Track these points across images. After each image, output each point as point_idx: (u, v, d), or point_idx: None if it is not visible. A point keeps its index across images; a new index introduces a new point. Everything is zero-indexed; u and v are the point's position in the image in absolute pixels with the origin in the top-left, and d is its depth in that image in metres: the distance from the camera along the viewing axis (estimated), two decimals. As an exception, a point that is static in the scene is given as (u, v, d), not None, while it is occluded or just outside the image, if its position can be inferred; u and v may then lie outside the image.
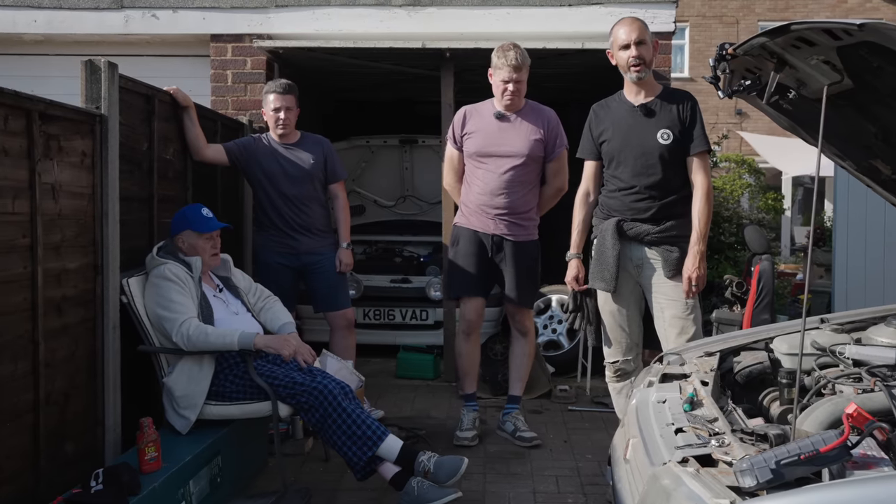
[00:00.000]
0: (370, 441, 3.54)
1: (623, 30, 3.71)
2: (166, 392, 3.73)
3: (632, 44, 3.65)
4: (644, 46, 3.66)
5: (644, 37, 3.67)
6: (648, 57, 3.68)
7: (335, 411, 3.56)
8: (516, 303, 4.60)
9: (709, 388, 2.84)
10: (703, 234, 3.63)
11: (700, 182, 3.66)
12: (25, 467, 3.06)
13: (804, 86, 2.43)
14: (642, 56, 3.66)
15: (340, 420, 3.55)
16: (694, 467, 2.12)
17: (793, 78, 2.40)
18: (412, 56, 5.77)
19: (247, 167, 4.77)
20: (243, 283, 4.22)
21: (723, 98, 2.63)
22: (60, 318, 3.29)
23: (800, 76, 2.38)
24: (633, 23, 3.72)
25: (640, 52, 3.65)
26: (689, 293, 3.63)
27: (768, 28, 2.35)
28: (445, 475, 3.51)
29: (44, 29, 5.93)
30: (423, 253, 7.01)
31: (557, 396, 5.51)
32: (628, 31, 3.69)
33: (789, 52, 2.25)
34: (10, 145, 2.96)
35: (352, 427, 3.54)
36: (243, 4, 5.78)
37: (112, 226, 3.63)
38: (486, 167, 4.48)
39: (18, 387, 3.01)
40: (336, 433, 3.55)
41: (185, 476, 3.38)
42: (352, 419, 3.55)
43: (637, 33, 3.66)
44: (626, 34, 3.68)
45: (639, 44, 3.65)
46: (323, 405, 3.57)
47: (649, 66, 3.70)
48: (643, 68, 3.67)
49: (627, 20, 3.75)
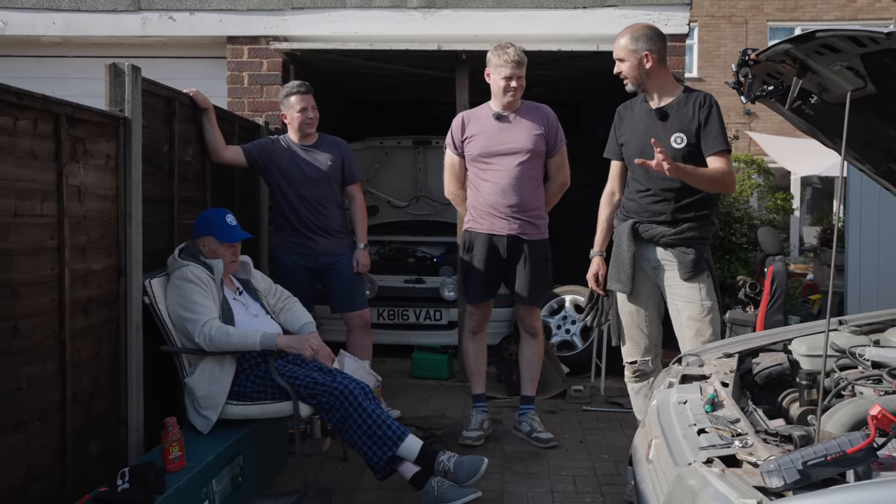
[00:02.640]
0: (390, 441, 3.57)
1: (615, 44, 3.76)
2: (188, 392, 3.77)
3: (616, 60, 3.73)
4: (623, 63, 3.68)
5: (621, 55, 3.69)
6: (630, 71, 3.68)
7: (356, 411, 3.60)
8: (528, 302, 4.64)
9: (729, 390, 2.86)
10: (694, 170, 3.56)
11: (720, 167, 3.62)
12: (53, 465, 3.10)
13: (826, 91, 2.45)
14: (621, 72, 3.70)
15: (361, 420, 3.58)
16: (719, 468, 2.15)
17: (815, 83, 2.42)
18: (427, 58, 5.80)
19: (265, 169, 4.80)
20: (263, 285, 4.26)
21: (745, 103, 2.65)
22: (86, 319, 3.33)
23: (822, 81, 2.40)
24: (618, 39, 3.73)
25: (619, 69, 3.71)
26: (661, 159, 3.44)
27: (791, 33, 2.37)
28: (465, 475, 3.55)
29: (62, 31, 5.98)
30: (437, 253, 7.04)
31: (572, 396, 5.53)
32: (616, 46, 3.74)
33: (812, 58, 2.27)
34: (38, 148, 3.00)
35: (372, 427, 3.57)
36: (259, 7, 5.83)
37: (135, 227, 3.67)
38: (493, 167, 4.51)
39: (47, 386, 3.06)
40: (356, 433, 3.59)
41: (208, 475, 3.42)
42: (372, 419, 3.59)
43: (615, 52, 3.72)
44: (615, 50, 3.74)
45: (620, 61, 3.70)
46: (343, 405, 3.61)
47: (632, 80, 3.70)
48: (628, 82, 3.72)
49: (620, 34, 3.76)
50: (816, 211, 19.69)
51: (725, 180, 3.62)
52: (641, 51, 3.64)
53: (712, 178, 3.58)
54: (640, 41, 3.64)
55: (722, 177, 3.59)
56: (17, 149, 2.87)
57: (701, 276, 3.67)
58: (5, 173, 2.80)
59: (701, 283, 3.66)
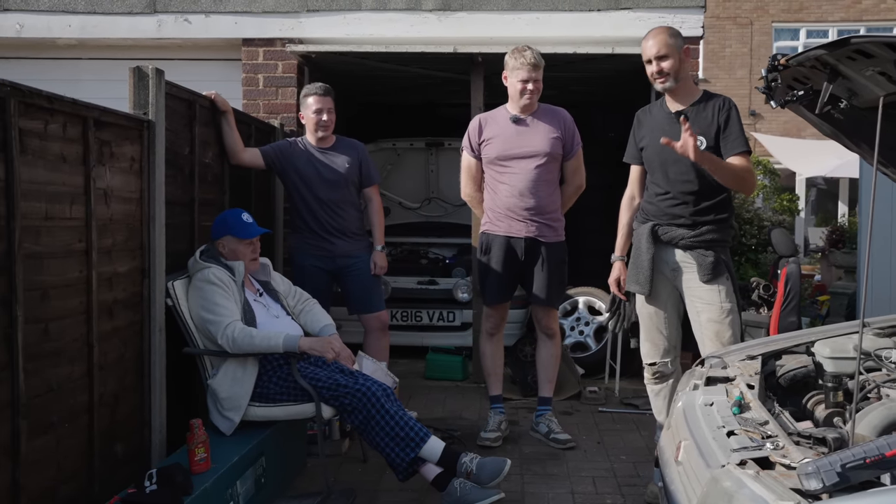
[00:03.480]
0: (413, 442, 3.59)
1: (647, 43, 3.74)
2: (211, 394, 3.79)
3: (652, 59, 3.70)
4: (665, 60, 3.68)
5: (665, 51, 3.67)
6: (671, 68, 3.68)
7: (378, 413, 3.61)
8: (545, 303, 4.66)
9: (755, 392, 2.88)
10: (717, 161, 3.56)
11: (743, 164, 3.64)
12: (81, 467, 3.12)
13: (856, 96, 2.47)
14: (662, 70, 3.69)
15: (384, 422, 3.60)
16: (753, 469, 2.16)
17: (844, 88, 2.44)
18: (442, 60, 5.82)
19: (283, 171, 4.82)
20: (282, 287, 4.28)
21: (775, 108, 2.67)
22: (111, 321, 3.35)
23: (852, 86, 2.42)
24: (657, 36, 3.72)
25: (660, 67, 3.69)
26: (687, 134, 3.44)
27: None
28: (488, 476, 3.56)
29: (77, 34, 5.99)
30: (449, 255, 7.05)
31: (587, 398, 5.55)
32: (650, 45, 3.72)
33: (844, 64, 2.29)
34: (68, 152, 3.02)
35: (395, 428, 3.59)
36: (275, 9, 5.84)
37: (158, 230, 3.69)
38: (510, 170, 4.53)
39: (75, 388, 3.08)
40: (379, 434, 3.61)
41: (233, 476, 3.44)
42: (395, 420, 3.60)
43: (657, 48, 3.69)
44: (648, 49, 3.72)
45: (659, 58, 3.69)
46: (366, 407, 3.62)
47: (674, 76, 3.70)
48: (666, 80, 3.71)
49: (652, 33, 3.76)
50: (821, 212, 19.69)
51: (747, 178, 3.64)
52: (680, 46, 3.67)
53: (734, 172, 3.59)
54: (678, 37, 3.68)
55: (743, 173, 3.60)
56: (47, 152, 2.89)
57: (720, 278, 3.68)
58: (36, 177, 2.81)
59: (720, 286, 3.68)
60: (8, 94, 2.65)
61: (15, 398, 2.69)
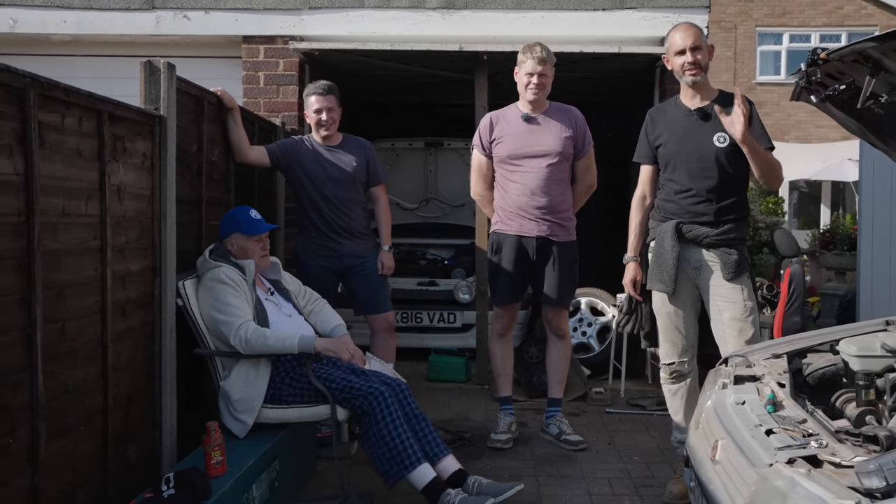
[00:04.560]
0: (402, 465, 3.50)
1: (679, 35, 3.75)
2: (223, 395, 3.70)
3: (687, 49, 3.70)
4: (699, 51, 3.70)
5: (699, 42, 3.72)
6: (703, 62, 3.71)
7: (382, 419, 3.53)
8: (557, 303, 4.62)
9: (787, 390, 2.85)
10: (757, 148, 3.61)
11: None
12: (96, 471, 3.04)
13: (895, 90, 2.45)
14: (697, 61, 3.69)
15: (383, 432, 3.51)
16: (804, 468, 2.13)
17: (885, 83, 2.41)
18: (445, 59, 5.77)
19: (289, 169, 4.75)
20: (293, 286, 4.21)
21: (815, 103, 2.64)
22: (124, 321, 3.27)
23: (893, 80, 2.40)
24: (689, 28, 3.76)
25: (695, 58, 3.69)
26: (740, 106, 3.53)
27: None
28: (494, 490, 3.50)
29: (73, 29, 5.88)
30: (447, 256, 7.00)
31: (593, 399, 5.52)
32: (683, 36, 3.73)
33: (889, 57, 2.27)
34: (83, 147, 2.95)
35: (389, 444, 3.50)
36: (276, 6, 5.77)
37: (169, 228, 3.61)
38: (521, 169, 4.49)
39: (90, 390, 3.00)
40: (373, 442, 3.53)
41: (249, 480, 3.36)
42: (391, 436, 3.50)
43: (692, 39, 3.71)
44: (681, 40, 3.73)
45: (694, 49, 3.70)
46: (376, 411, 3.54)
47: (705, 70, 3.72)
48: (698, 72, 3.70)
49: (683, 27, 3.79)
50: (803, 215, 19.83)
51: (777, 169, 3.67)
52: (707, 43, 3.68)
53: (769, 160, 3.64)
54: (704, 35, 3.67)
55: (776, 164, 3.65)
56: (64, 146, 2.81)
57: (742, 276, 3.67)
58: (54, 171, 2.73)
59: (743, 284, 3.66)
60: (28, 85, 2.57)
61: (34, 400, 2.60)
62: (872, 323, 3.34)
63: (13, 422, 2.50)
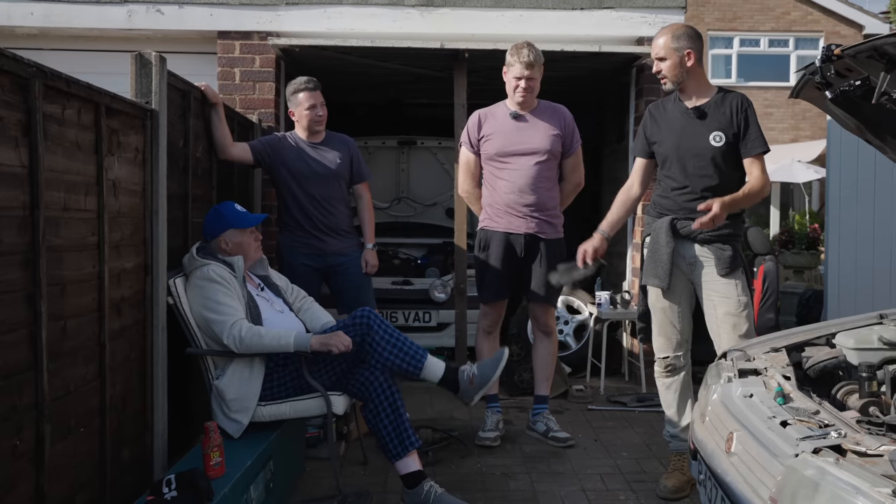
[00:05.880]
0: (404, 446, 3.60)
1: (654, 42, 3.83)
2: (216, 395, 3.62)
3: (655, 60, 3.79)
4: (664, 62, 3.74)
5: (662, 53, 3.74)
6: (667, 70, 3.74)
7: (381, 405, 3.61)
8: (544, 300, 4.63)
9: (792, 383, 2.89)
10: (735, 199, 3.64)
11: (757, 175, 3.69)
12: (94, 473, 2.96)
13: (906, 87, 2.50)
14: (661, 71, 3.77)
15: (387, 337, 3.68)
16: (832, 457, 2.16)
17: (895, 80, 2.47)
18: (424, 56, 5.73)
19: (272, 166, 4.67)
20: (281, 282, 4.14)
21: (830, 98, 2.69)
22: (119, 320, 3.19)
23: (905, 77, 2.45)
24: (658, 38, 3.80)
25: (658, 68, 3.78)
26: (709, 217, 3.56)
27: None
28: (491, 368, 3.84)
29: (40, 22, 5.71)
30: (419, 255, 6.97)
31: (574, 396, 5.54)
32: (653, 46, 3.82)
33: (905, 54, 2.32)
34: (82, 139, 2.86)
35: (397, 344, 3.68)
36: (252, 1, 5.67)
37: (161, 224, 3.53)
38: (510, 167, 4.49)
39: (89, 390, 2.92)
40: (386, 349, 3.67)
41: (247, 481, 3.30)
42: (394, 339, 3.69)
43: (655, 50, 3.78)
44: (654, 49, 3.81)
45: (659, 59, 3.76)
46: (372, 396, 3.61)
47: (672, 79, 3.74)
48: (665, 81, 3.78)
49: (659, 33, 3.83)
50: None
51: (764, 190, 3.67)
52: (683, 49, 3.67)
53: (754, 194, 3.67)
54: (682, 39, 3.68)
55: (760, 188, 3.66)
56: (64, 139, 2.73)
57: (736, 272, 3.71)
58: (55, 164, 2.65)
59: (737, 280, 3.70)
60: (33, 75, 2.49)
61: (39, 401, 2.52)
62: (867, 316, 3.40)
63: (20, 423, 2.42)
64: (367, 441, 4.22)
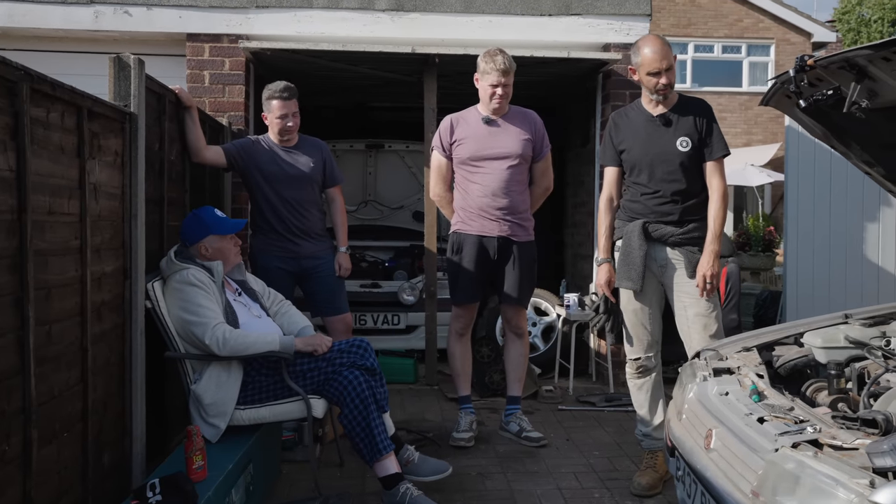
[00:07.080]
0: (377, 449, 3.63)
1: (653, 54, 3.76)
2: (194, 400, 3.62)
3: (662, 71, 3.76)
4: (672, 72, 3.78)
5: (672, 62, 3.78)
6: (674, 80, 3.81)
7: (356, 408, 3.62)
8: (517, 302, 4.69)
9: (766, 381, 2.99)
10: (717, 234, 3.79)
11: (716, 185, 3.83)
12: (77, 479, 2.94)
13: (876, 96, 2.61)
14: (671, 83, 3.79)
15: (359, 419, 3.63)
16: (810, 451, 2.25)
17: (866, 89, 2.58)
18: (394, 61, 5.78)
19: (245, 169, 4.66)
20: (258, 287, 4.15)
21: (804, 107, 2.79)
22: (100, 324, 3.17)
23: (875, 87, 2.56)
24: (663, 48, 3.76)
25: (669, 80, 3.77)
26: (703, 291, 3.78)
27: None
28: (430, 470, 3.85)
29: (3, 22, 5.60)
30: (387, 258, 6.99)
31: (544, 397, 5.62)
32: (659, 57, 3.75)
33: (876, 64, 2.42)
34: (66, 143, 2.85)
35: (365, 430, 3.62)
36: (222, 4, 5.65)
37: (140, 228, 3.52)
38: (482, 171, 4.55)
39: (72, 395, 2.90)
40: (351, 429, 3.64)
41: (229, 484, 3.31)
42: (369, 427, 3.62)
43: (668, 62, 3.75)
44: (657, 61, 3.74)
45: (668, 70, 3.76)
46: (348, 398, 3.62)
47: (673, 87, 3.83)
48: (668, 91, 3.81)
49: (656, 43, 3.78)
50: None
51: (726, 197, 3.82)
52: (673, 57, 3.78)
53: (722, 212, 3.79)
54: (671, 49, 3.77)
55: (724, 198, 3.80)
56: (49, 142, 2.72)
57: (706, 274, 3.81)
58: (41, 168, 2.64)
59: (707, 282, 3.81)
60: (21, 78, 2.48)
61: (26, 405, 2.50)
62: (832, 316, 3.53)
63: (8, 428, 2.40)
64: (342, 443, 4.25)
